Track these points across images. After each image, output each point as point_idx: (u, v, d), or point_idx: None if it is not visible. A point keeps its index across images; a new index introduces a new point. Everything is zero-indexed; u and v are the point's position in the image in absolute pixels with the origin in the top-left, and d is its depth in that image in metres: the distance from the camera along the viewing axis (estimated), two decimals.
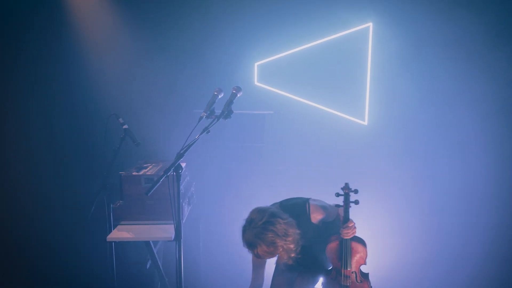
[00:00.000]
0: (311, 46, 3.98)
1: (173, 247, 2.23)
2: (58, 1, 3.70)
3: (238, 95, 2.47)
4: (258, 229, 2.09)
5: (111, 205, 2.66)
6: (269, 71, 4.04)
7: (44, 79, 3.75)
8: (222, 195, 3.99)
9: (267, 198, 3.50)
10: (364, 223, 3.97)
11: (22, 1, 3.67)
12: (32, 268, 3.50)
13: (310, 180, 3.93)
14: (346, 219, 2.27)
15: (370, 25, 3.94)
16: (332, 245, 2.33)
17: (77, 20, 3.80)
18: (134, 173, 2.69)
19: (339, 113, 4.08)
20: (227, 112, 2.40)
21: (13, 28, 3.66)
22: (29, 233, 3.60)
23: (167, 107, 3.93)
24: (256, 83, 4.07)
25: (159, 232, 2.56)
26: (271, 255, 2.16)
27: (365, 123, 4.08)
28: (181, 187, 2.89)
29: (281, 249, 2.10)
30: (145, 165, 2.98)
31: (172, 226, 2.28)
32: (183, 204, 2.69)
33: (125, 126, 2.79)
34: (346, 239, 2.27)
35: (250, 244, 2.11)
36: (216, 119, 2.35)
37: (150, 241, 2.62)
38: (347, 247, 2.29)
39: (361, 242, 2.34)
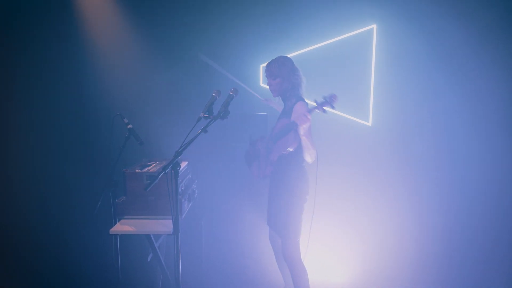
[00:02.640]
0: (315, 48, 4.03)
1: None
2: (65, 2, 3.77)
3: (235, 97, 2.57)
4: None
5: (116, 200, 2.81)
6: None
7: (52, 81, 3.86)
8: (225, 194, 4.09)
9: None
10: (369, 223, 4.03)
11: (29, 1, 3.75)
12: (41, 258, 3.63)
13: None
14: None
15: (374, 26, 3.97)
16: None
17: (84, 21, 3.88)
18: (137, 170, 2.81)
19: (343, 114, 4.12)
20: (224, 113, 2.48)
21: (19, 28, 3.73)
22: (39, 226, 3.75)
23: (172, 107, 4.02)
24: (262, 84, 4.16)
25: (159, 226, 2.67)
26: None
27: (369, 124, 4.11)
28: (182, 184, 3.02)
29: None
30: (149, 163, 3.10)
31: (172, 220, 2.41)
32: (183, 200, 2.80)
33: (130, 126, 2.92)
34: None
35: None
36: (213, 119, 2.46)
37: (151, 235, 2.74)
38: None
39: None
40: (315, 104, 2.63)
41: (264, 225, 3.91)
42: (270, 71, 2.75)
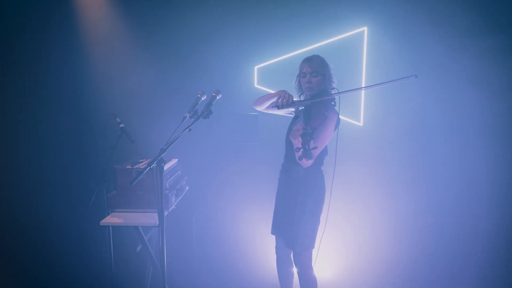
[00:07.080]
0: (308, 50, 4.13)
1: (168, 236, 2.50)
2: (59, 3, 3.85)
3: (218, 98, 2.70)
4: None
5: (107, 195, 3.00)
6: (268, 74, 4.22)
7: (47, 81, 3.96)
8: (216, 190, 4.24)
9: (260, 194, 3.69)
10: (361, 222, 4.11)
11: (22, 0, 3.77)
12: (39, 249, 3.78)
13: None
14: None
15: (365, 29, 4.06)
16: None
17: (78, 21, 3.96)
18: (127, 167, 2.99)
19: None
20: (207, 113, 2.62)
21: (13, 27, 3.72)
22: (37, 220, 3.90)
23: (167, 107, 4.15)
24: (256, 85, 4.29)
25: (146, 218, 2.84)
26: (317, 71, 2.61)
27: (361, 124, 4.19)
28: (170, 180, 3.18)
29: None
30: (141, 160, 3.27)
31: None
32: (170, 195, 2.96)
33: (122, 125, 3.11)
34: None
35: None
36: (196, 119, 2.61)
37: (139, 227, 2.91)
38: None
39: None
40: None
41: (255, 220, 4.05)
42: (313, 68, 2.60)
